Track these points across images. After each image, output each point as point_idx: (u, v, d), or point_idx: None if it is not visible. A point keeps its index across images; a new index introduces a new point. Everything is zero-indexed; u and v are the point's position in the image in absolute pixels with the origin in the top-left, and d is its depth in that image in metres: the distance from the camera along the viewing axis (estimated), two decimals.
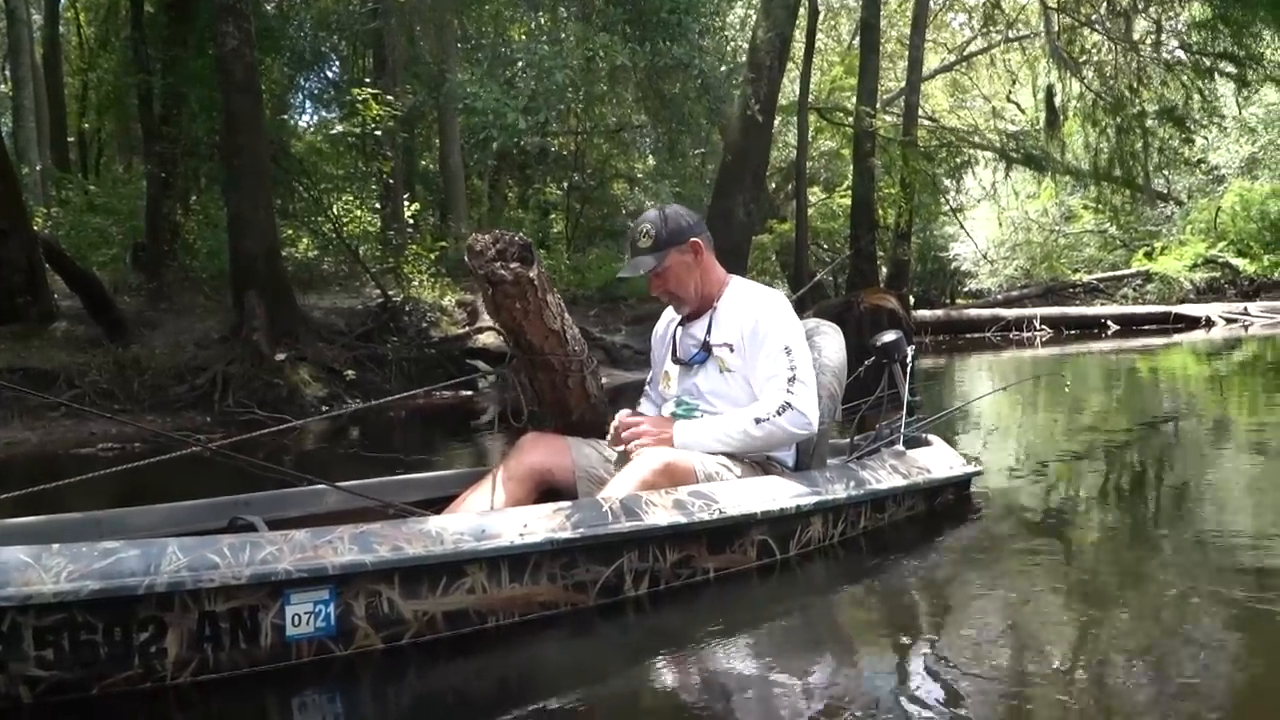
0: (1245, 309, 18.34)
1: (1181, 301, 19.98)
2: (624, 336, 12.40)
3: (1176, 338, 15.76)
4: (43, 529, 2.50)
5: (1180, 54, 16.22)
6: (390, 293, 10.84)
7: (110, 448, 6.47)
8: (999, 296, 23.72)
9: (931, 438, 3.83)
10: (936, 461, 3.60)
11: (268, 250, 9.43)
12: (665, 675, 2.20)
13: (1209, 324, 17.46)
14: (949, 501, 3.69)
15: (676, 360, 3.22)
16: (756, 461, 3.10)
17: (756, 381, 3.03)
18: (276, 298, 9.22)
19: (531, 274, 2.96)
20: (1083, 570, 2.97)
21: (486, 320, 10.99)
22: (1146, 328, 17.88)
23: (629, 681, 2.21)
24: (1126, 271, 23.69)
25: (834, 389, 3.27)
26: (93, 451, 6.42)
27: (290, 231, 12.48)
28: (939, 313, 19.20)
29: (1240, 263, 22.35)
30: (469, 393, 9.30)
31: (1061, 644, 2.33)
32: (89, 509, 2.78)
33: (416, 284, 11.60)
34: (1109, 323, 18.09)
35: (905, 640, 2.40)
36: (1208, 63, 15.71)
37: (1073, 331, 17.89)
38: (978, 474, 3.80)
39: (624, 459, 3.06)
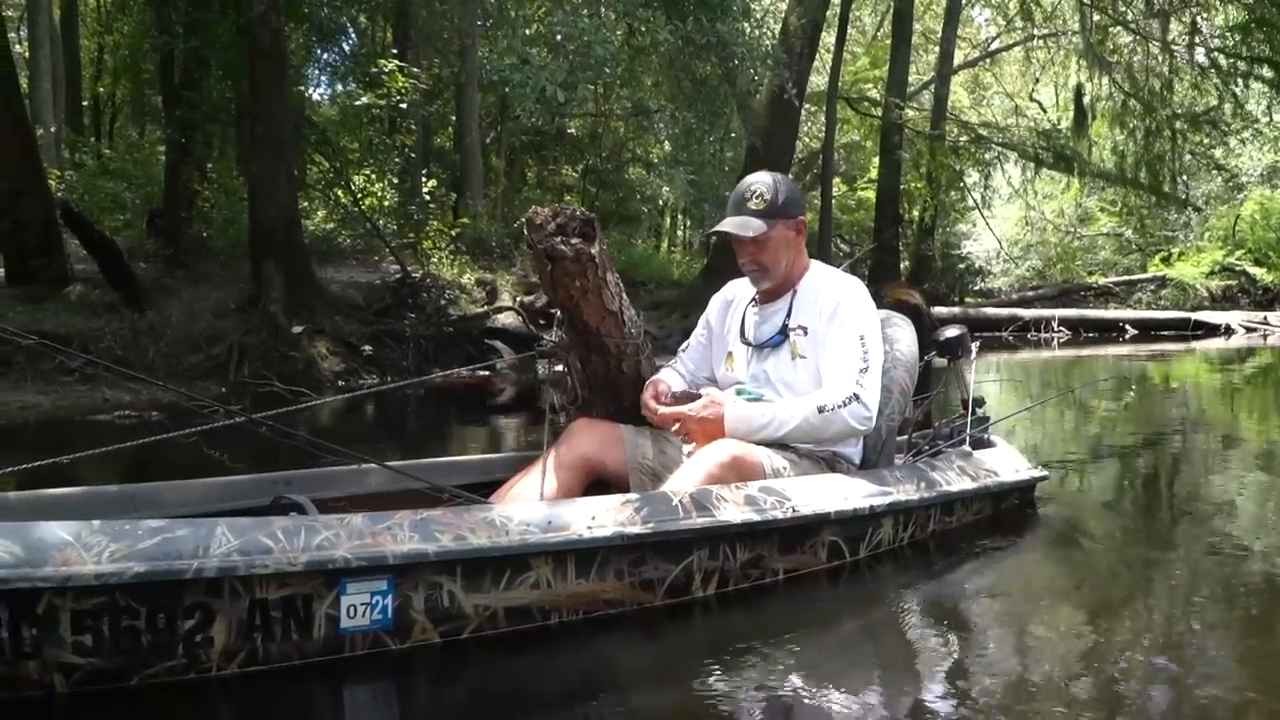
0: (1265, 318, 18.17)
1: (1197, 308, 19.78)
2: (642, 322, 12.22)
3: (1195, 344, 15.56)
4: (76, 502, 2.35)
5: (1215, 56, 15.95)
6: (409, 268, 10.67)
7: (126, 415, 6.32)
8: (1012, 296, 23.48)
9: (996, 439, 3.66)
10: (1003, 464, 3.43)
11: (288, 220, 9.27)
12: (732, 682, 2.05)
13: (1228, 332, 17.29)
14: (1014, 506, 3.53)
15: (746, 341, 3.04)
16: (822, 457, 2.92)
17: (825, 365, 2.84)
18: (294, 269, 9.07)
19: (593, 250, 2.81)
20: (1162, 581, 2.82)
21: (506, 300, 10.83)
22: (1165, 333, 17.70)
23: (694, 687, 2.04)
24: (1141, 276, 23.44)
25: (905, 384, 3.11)
26: (108, 418, 6.27)
27: (306, 203, 12.32)
28: (955, 310, 18.96)
29: (1257, 272, 22.16)
30: (486, 373, 9.16)
31: (1131, 657, 2.18)
32: (99, 482, 2.63)
33: (435, 261, 11.42)
34: (1127, 326, 17.90)
35: (976, 652, 2.26)
36: (1243, 66, 15.45)
37: (1090, 334, 17.70)
38: (1043, 479, 3.63)
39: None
